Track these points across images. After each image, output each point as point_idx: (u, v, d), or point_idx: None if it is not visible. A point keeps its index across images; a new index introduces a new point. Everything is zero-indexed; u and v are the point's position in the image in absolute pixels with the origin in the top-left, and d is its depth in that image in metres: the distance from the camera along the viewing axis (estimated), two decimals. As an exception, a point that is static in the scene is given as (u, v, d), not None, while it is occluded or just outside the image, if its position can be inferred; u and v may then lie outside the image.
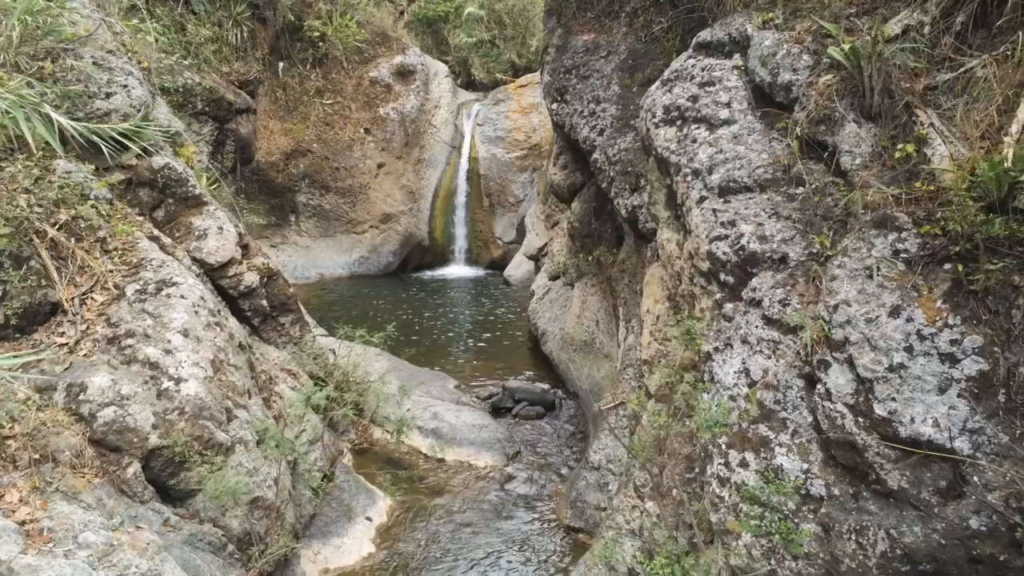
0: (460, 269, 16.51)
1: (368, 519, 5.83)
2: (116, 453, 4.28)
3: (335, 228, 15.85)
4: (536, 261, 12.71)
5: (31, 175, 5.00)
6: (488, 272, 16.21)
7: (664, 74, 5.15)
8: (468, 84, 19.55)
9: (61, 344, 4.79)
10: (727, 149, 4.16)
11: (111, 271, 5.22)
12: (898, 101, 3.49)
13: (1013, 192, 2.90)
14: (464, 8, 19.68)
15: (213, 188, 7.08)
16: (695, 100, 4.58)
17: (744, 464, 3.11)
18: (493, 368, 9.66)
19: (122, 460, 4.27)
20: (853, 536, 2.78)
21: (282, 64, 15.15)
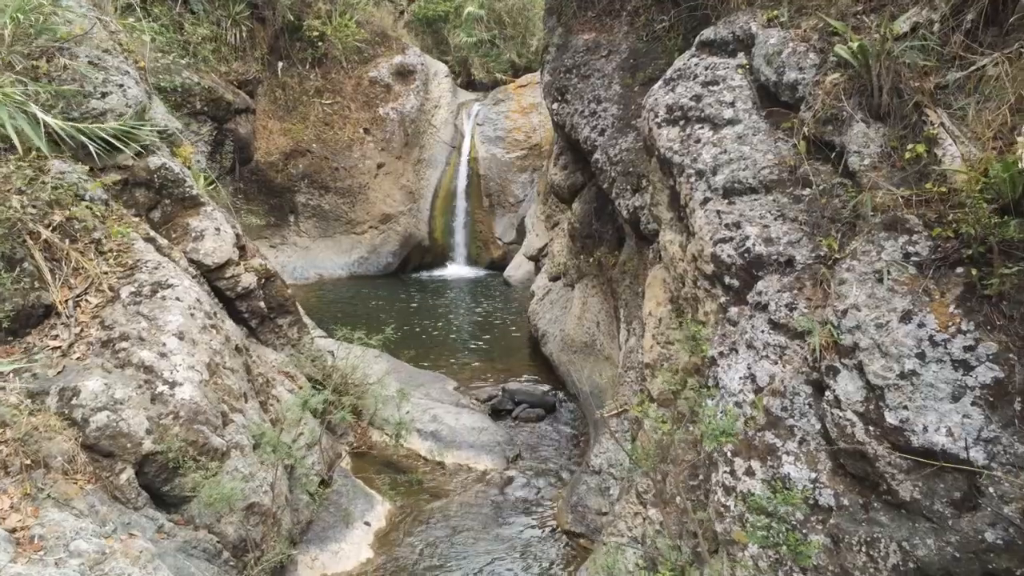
0: (460, 270, 16.44)
1: (367, 524, 5.76)
2: (109, 459, 4.21)
3: (334, 228, 15.78)
4: (536, 262, 12.64)
5: (24, 176, 4.93)
6: (488, 273, 16.14)
7: (667, 73, 5.07)
8: (468, 84, 19.48)
9: (54, 347, 4.72)
10: (731, 149, 4.08)
11: (106, 273, 5.15)
12: (907, 100, 3.41)
13: (1028, 194, 2.82)
14: (464, 8, 19.61)
15: (210, 189, 7.01)
16: (698, 99, 4.50)
17: (750, 472, 3.03)
18: (493, 370, 9.59)
19: (115, 466, 4.20)
20: (864, 548, 2.70)
21: (281, 64, 15.08)
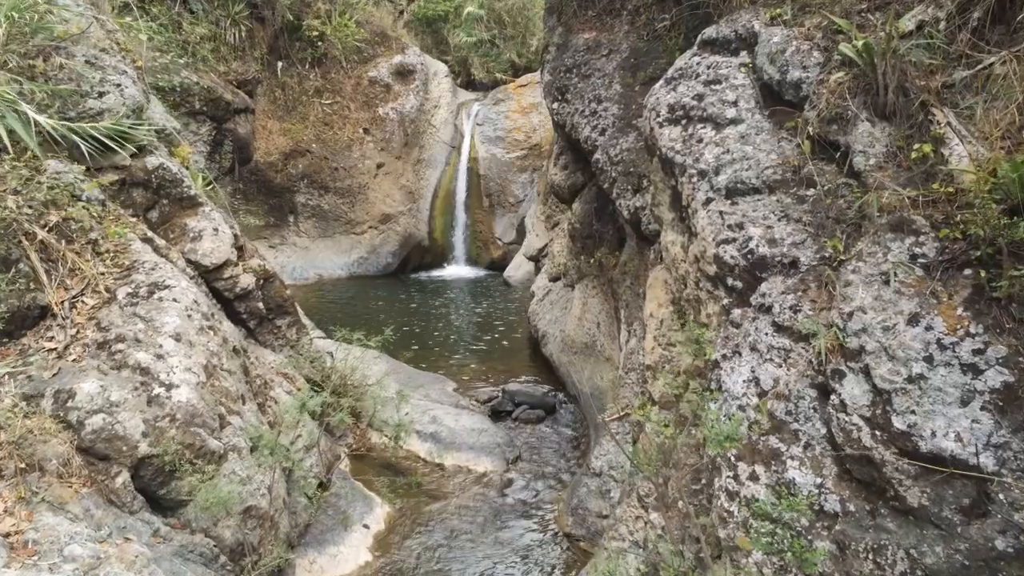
0: (460, 270, 16.39)
1: (365, 527, 5.72)
2: (105, 462, 4.16)
3: (334, 229, 15.73)
4: (536, 262, 12.59)
5: (19, 176, 4.88)
6: (488, 273, 16.09)
7: (668, 72, 5.02)
8: (468, 84, 19.44)
9: (50, 349, 4.68)
10: (734, 149, 4.03)
11: (102, 274, 5.10)
12: (913, 99, 3.36)
13: (1038, 195, 2.77)
14: (464, 7, 19.57)
15: (208, 189, 6.96)
16: (701, 99, 4.45)
17: (754, 477, 2.98)
18: (493, 370, 9.54)
19: (111, 469, 4.15)
20: (870, 555, 2.65)
21: (281, 64, 15.04)
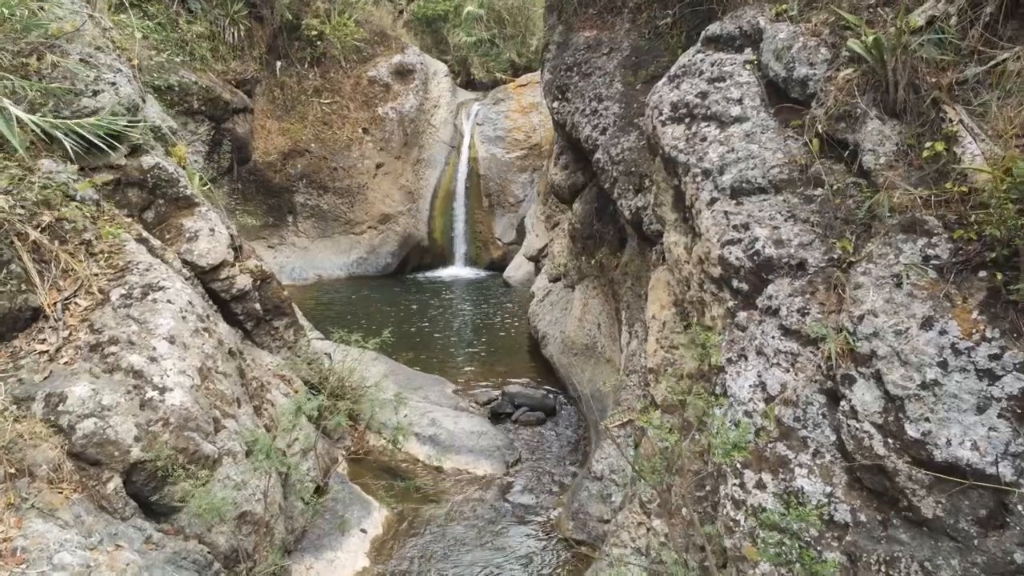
0: (459, 270, 16.32)
1: (363, 531, 5.63)
2: (96, 467, 4.07)
3: (333, 229, 15.66)
4: (536, 262, 12.51)
5: (11, 175, 4.80)
6: (488, 273, 16.01)
7: (671, 69, 4.93)
8: (467, 83, 19.36)
9: (41, 351, 4.59)
10: (739, 148, 3.94)
11: (96, 275, 5.01)
12: (924, 96, 3.27)
13: (1054, 194, 2.68)
14: (463, 7, 19.49)
15: (205, 189, 6.88)
16: (704, 96, 4.36)
17: (761, 485, 2.90)
18: (492, 372, 9.46)
19: (102, 474, 4.07)
20: (883, 568, 2.57)
21: (280, 63, 14.97)
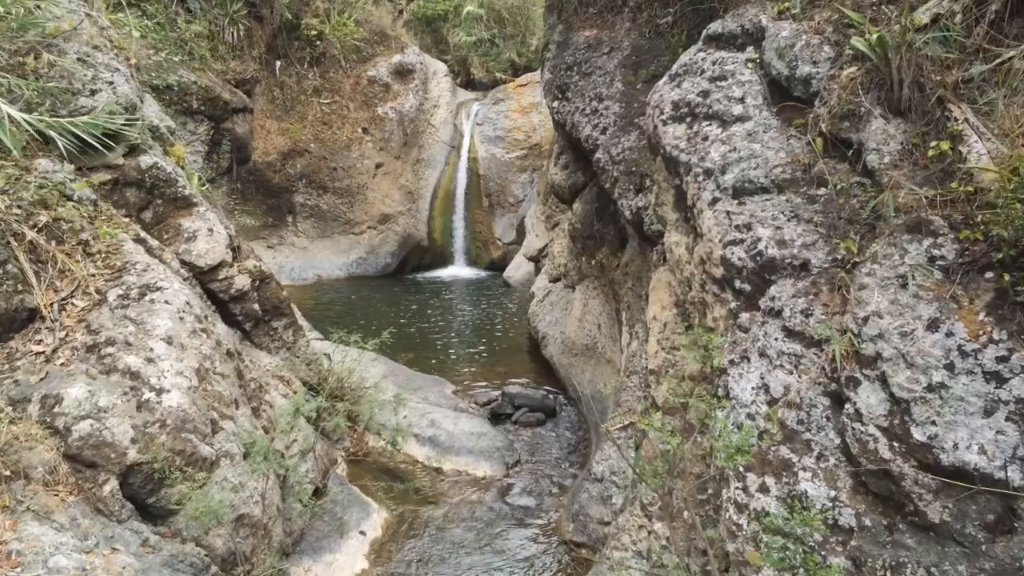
0: (459, 270, 16.29)
1: (362, 533, 5.59)
2: (92, 469, 4.03)
3: (333, 229, 15.62)
4: (536, 263, 12.48)
5: (7, 175, 4.76)
6: (487, 273, 15.98)
7: (672, 68, 4.89)
8: (467, 83, 19.33)
9: (38, 352, 4.55)
10: (741, 147, 3.91)
11: (93, 275, 4.98)
12: (929, 95, 3.23)
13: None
14: (463, 6, 19.45)
15: (203, 189, 6.85)
16: (706, 95, 4.32)
17: (764, 489, 2.86)
18: (492, 372, 9.43)
19: (98, 477, 4.03)
20: (888, 573, 2.52)
21: (279, 63, 14.93)
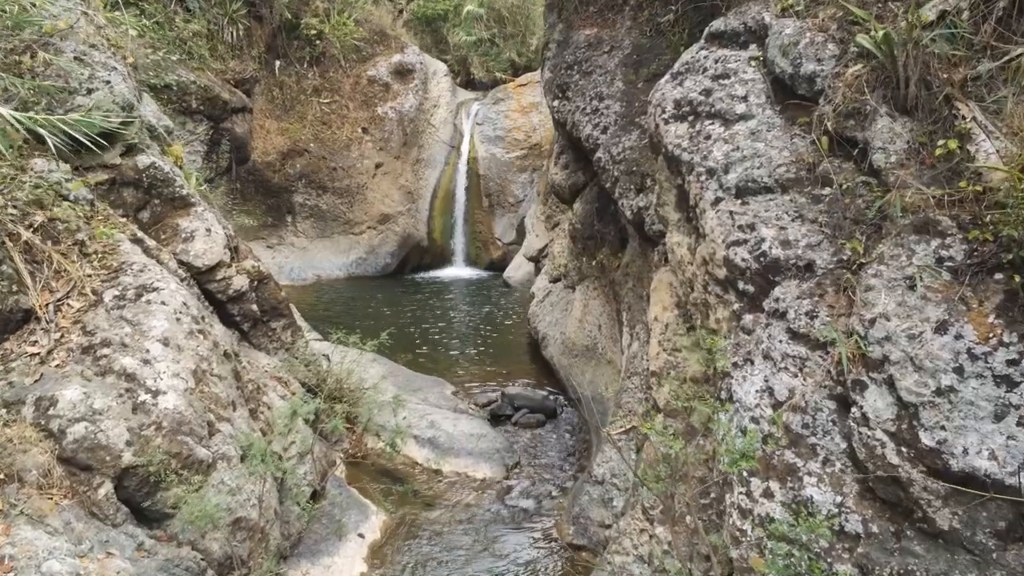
0: (459, 270, 16.25)
1: (360, 536, 5.54)
2: (87, 472, 3.98)
3: (332, 229, 15.57)
4: (536, 263, 12.42)
5: (2, 175, 4.72)
6: (487, 273, 15.93)
7: (674, 67, 4.84)
8: (467, 83, 19.28)
9: (32, 354, 4.50)
10: (744, 146, 3.85)
11: (89, 276, 4.93)
12: (936, 93, 3.18)
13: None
14: (463, 6, 19.41)
15: (202, 189, 6.80)
16: (708, 94, 4.27)
17: (768, 494, 2.81)
18: (492, 373, 9.38)
19: (93, 480, 3.98)
20: (896, 581, 2.48)
21: (279, 62, 14.88)
